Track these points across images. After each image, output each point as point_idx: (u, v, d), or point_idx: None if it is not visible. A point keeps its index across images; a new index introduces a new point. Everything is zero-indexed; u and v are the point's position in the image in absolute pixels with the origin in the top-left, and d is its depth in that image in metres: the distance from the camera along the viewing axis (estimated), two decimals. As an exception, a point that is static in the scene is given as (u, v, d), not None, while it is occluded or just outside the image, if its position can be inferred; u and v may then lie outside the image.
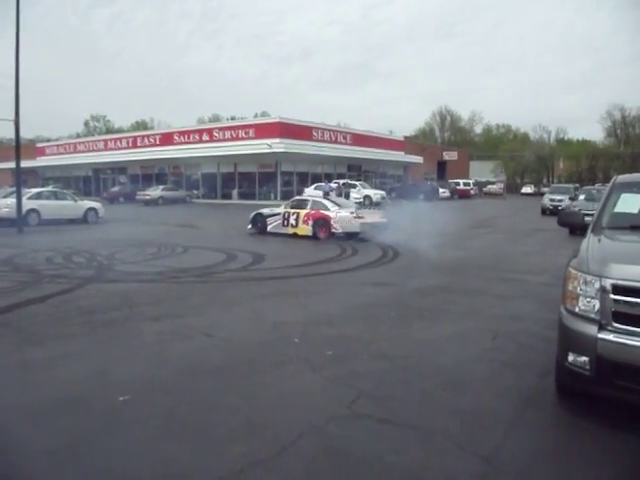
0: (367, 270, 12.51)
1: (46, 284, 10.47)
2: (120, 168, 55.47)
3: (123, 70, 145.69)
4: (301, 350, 6.40)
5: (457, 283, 10.98)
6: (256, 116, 62.94)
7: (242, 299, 9.26)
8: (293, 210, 19.92)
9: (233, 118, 70.24)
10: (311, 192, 39.94)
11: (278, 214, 20.41)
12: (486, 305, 8.99)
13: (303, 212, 19.48)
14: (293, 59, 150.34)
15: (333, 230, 18.52)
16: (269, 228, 20.26)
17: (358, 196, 38.39)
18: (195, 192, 47.37)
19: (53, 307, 8.53)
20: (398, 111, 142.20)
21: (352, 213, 18.64)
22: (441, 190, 50.58)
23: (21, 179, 22.63)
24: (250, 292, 9.92)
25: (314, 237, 18.68)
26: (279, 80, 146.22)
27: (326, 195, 37.41)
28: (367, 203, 38.49)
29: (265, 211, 21.18)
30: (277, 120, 43.04)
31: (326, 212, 18.94)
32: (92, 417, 4.55)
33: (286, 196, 42.81)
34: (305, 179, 45.33)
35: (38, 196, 25.24)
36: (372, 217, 19.13)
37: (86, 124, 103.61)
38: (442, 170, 67.34)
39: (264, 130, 42.62)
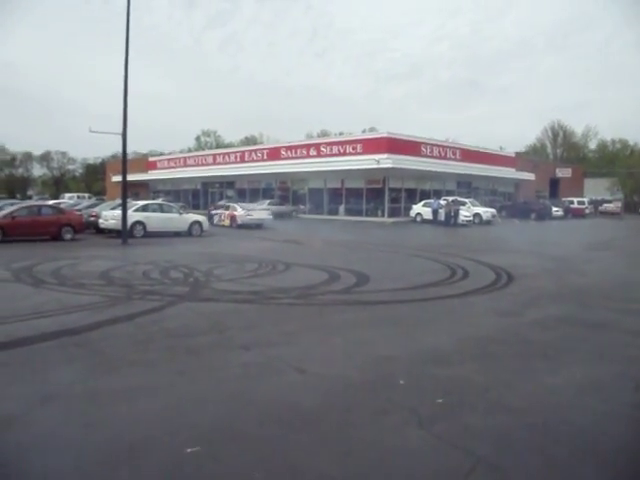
0: (479, 296, 11.30)
1: (137, 301, 10.11)
2: (228, 182, 56.51)
3: (234, 87, 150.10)
4: (406, 395, 5.44)
5: (581, 314, 9.64)
6: (364, 132, 62.28)
7: (342, 326, 8.41)
8: (222, 211, 34.84)
9: (341, 134, 69.93)
10: (420, 209, 38.92)
11: (217, 214, 34.97)
12: (618, 343, 7.69)
13: (226, 212, 33.90)
14: (402, 75, 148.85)
15: (239, 222, 32.10)
16: (214, 222, 33.26)
17: (468, 214, 36.90)
18: (301, 207, 47.25)
19: (138, 327, 8.06)
20: (508, 127, 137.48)
21: (246, 212, 32.73)
22: (554, 209, 48.22)
23: (127, 191, 23.00)
24: (351, 318, 9.05)
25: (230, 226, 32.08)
26: (388, 96, 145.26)
27: (435, 212, 36.52)
28: (477, 221, 36.98)
29: (212, 211, 36.28)
30: (385, 135, 42.17)
31: (235, 212, 32.92)
32: (150, 474, 3.81)
33: (394, 213, 41.94)
34: (413, 195, 44.18)
35: (144, 208, 25.80)
36: (259, 214, 33.60)
37: (197, 139, 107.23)
38: (554, 188, 63.78)
39: (372, 145, 41.93)
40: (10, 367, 6.26)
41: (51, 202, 34.74)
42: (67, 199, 52.80)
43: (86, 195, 67.67)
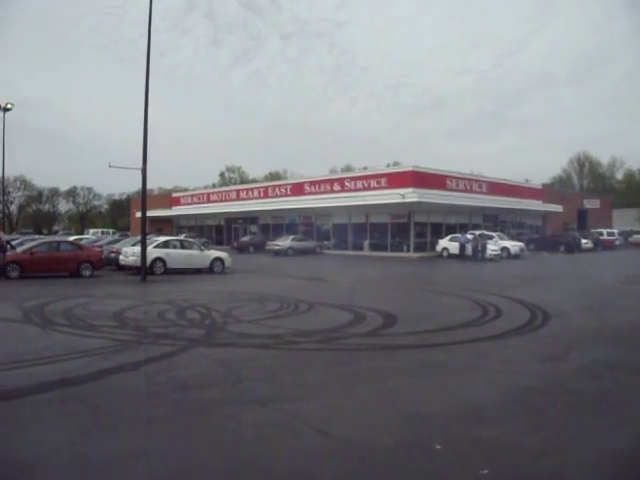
0: (516, 338, 10.42)
1: (147, 345, 9.46)
2: (251, 218, 56.27)
3: (259, 123, 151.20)
4: (444, 465, 4.67)
5: (631, 359, 8.77)
6: (388, 166, 61.83)
7: (368, 376, 7.64)
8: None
9: (365, 168, 69.57)
10: (446, 244, 38.10)
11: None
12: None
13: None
14: (425, 109, 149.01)
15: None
16: None
17: (495, 248, 36.02)
18: (325, 243, 46.65)
19: (145, 377, 7.39)
20: (533, 159, 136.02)
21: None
22: (583, 241, 47.00)
23: (151, 227, 22.68)
24: (379, 366, 8.26)
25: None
26: (411, 130, 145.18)
27: (462, 247, 35.66)
28: (504, 255, 36.07)
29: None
30: (410, 169, 41.69)
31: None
32: None
33: (419, 248, 41.16)
34: (439, 230, 43.31)
35: (165, 245, 25.44)
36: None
37: (221, 175, 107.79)
38: (583, 219, 62.32)
39: (396, 179, 41.49)
40: (-2, 423, 5.63)
41: (72, 238, 34.57)
42: (91, 234, 52.93)
43: (110, 231, 67.91)
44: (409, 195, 37.78)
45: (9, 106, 42.70)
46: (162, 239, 26.81)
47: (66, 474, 4.47)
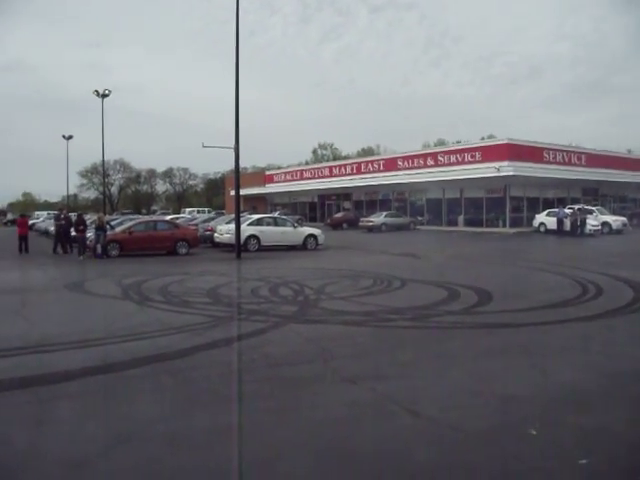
0: (619, 318, 9.78)
1: (240, 322, 9.55)
2: (345, 194, 56.19)
3: (350, 99, 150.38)
4: (540, 452, 4.39)
5: None
6: (483, 139, 59.98)
7: (461, 355, 7.39)
8: None
9: (459, 142, 67.80)
10: (543, 219, 36.68)
11: None
12: None
13: None
14: (521, 79, 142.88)
15: None
16: None
17: (596, 223, 34.36)
18: (419, 218, 45.92)
19: (237, 353, 7.48)
20: (636, 128, 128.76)
21: None
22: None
23: (245, 205, 23.03)
24: (472, 345, 8.00)
25: None
26: (507, 102, 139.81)
27: (560, 222, 34.17)
28: (605, 231, 34.33)
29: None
30: (505, 141, 40.40)
31: None
32: None
33: (515, 223, 39.91)
34: (536, 204, 41.81)
35: (258, 222, 25.86)
36: None
37: (314, 152, 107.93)
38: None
39: (491, 153, 40.35)
40: (96, 396, 5.86)
41: (169, 217, 35.58)
42: (187, 214, 54.45)
43: (206, 209, 69.63)
44: (504, 169, 36.62)
45: (107, 92, 45.23)
46: (256, 217, 27.26)
47: (160, 448, 4.54)
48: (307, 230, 27.23)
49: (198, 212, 60.97)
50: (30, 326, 9.49)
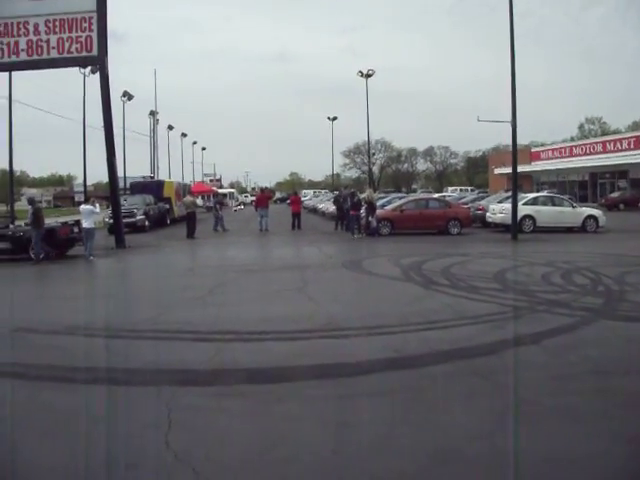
0: None
1: (541, 313, 8.38)
2: (620, 172, 50.70)
3: (620, 68, 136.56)
4: None
5: None
6: None
7: None
8: None
9: None
10: None
11: None
12: None
13: None
14: None
15: None
16: None
17: None
18: None
19: (550, 354, 6.36)
20: None
21: None
22: None
23: (517, 184, 21.46)
24: None
25: None
26: None
27: None
28: None
29: None
30: None
31: None
32: None
33: None
34: None
35: (534, 202, 24.07)
36: None
37: (580, 127, 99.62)
38: None
39: None
40: (402, 397, 5.16)
41: (436, 195, 34.92)
42: (450, 192, 53.56)
43: (468, 188, 68.00)
44: None
45: (370, 72, 48.51)
46: (531, 196, 25.55)
47: (483, 476, 3.71)
48: (587, 211, 24.55)
49: (461, 190, 59.82)
50: (316, 306, 9.29)
